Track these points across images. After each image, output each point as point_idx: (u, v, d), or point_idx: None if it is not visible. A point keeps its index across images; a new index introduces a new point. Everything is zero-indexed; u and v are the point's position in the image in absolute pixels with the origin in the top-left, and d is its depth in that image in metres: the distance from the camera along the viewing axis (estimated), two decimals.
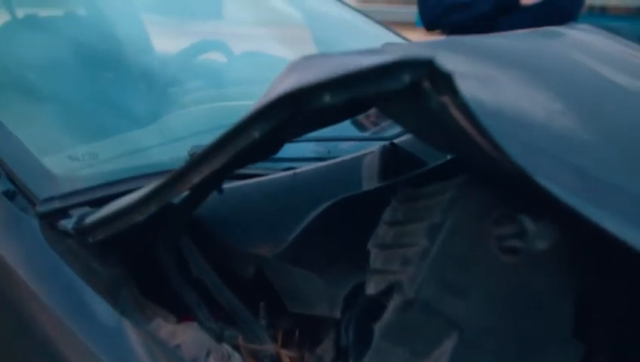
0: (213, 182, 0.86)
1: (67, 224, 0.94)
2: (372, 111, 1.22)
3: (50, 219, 0.96)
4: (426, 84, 0.66)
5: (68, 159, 1.12)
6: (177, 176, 0.79)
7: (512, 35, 1.15)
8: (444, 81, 0.65)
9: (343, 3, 2.22)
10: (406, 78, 0.66)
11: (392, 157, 1.17)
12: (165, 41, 2.30)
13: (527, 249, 0.73)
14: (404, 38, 2.09)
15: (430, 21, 2.20)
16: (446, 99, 0.67)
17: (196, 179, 0.78)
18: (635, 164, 0.82)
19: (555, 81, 0.94)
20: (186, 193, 0.86)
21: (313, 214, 1.00)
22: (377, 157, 1.17)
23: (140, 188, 0.96)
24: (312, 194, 1.06)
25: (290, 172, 1.11)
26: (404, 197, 0.89)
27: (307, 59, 0.76)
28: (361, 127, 1.47)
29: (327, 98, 0.68)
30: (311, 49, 2.18)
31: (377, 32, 2.08)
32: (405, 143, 1.22)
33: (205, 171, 0.77)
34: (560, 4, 2.09)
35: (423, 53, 0.87)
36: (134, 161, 1.20)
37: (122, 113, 1.52)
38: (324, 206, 1.01)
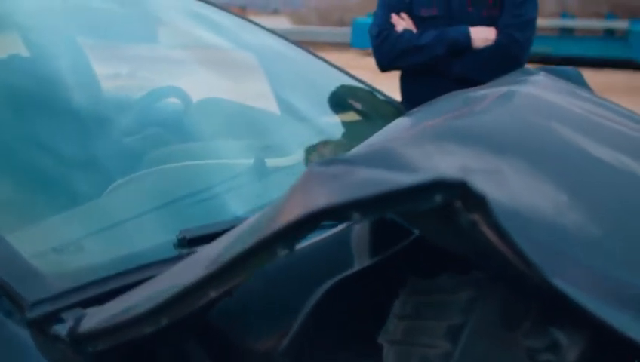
0: (230, 291, 0.83)
1: (60, 329, 0.88)
2: None
3: (41, 325, 0.90)
4: (458, 204, 0.67)
5: (53, 252, 1.05)
6: (194, 289, 0.76)
7: (493, 111, 1.17)
8: (476, 201, 0.66)
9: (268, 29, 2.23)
10: (438, 199, 0.66)
11: (380, 228, 1.17)
12: (102, 66, 2.24)
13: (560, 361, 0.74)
14: (329, 64, 2.10)
15: (385, 64, 2.23)
16: (476, 217, 0.67)
17: (214, 294, 0.75)
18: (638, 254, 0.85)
19: (551, 166, 0.96)
20: None
21: (310, 302, 0.99)
22: (366, 228, 1.17)
23: (135, 282, 0.91)
24: (308, 274, 1.05)
25: None
26: (412, 290, 0.89)
27: (328, 168, 0.75)
28: None
29: (355, 217, 0.67)
30: (257, 77, 2.18)
31: (307, 59, 2.09)
32: None
33: (224, 287, 0.74)
34: (509, 48, 2.15)
35: (444, 165, 0.87)
36: (119, 246, 1.14)
37: (89, 175, 1.45)
38: (320, 292, 1.00)
